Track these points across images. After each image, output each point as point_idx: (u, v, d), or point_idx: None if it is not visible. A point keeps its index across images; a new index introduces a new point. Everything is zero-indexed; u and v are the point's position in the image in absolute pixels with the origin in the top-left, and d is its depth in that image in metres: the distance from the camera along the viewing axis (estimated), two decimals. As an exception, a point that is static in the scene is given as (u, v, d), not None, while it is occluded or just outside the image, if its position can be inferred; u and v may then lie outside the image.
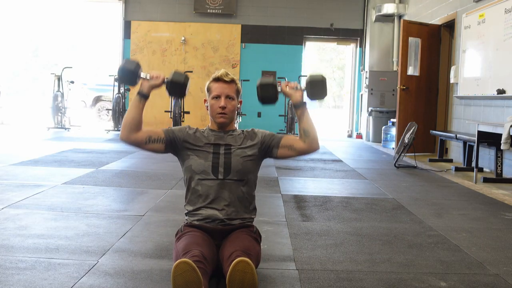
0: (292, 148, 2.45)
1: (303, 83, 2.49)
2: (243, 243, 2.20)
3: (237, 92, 2.45)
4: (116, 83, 10.21)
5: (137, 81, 2.43)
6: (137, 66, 2.40)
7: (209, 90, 2.45)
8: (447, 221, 3.63)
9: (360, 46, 11.22)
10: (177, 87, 2.43)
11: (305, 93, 2.47)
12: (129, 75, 2.40)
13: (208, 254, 2.14)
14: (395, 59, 10.42)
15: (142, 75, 2.42)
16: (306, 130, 2.43)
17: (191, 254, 2.06)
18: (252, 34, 11.07)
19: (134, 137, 2.39)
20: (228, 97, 2.40)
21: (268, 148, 2.46)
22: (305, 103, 2.45)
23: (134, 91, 11.08)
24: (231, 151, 2.41)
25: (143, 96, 2.41)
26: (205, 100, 2.49)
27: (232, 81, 2.42)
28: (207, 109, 2.47)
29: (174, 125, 10.25)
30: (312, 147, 2.44)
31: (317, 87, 2.44)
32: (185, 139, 2.44)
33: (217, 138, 2.44)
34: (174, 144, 2.44)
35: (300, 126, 2.45)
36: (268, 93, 2.44)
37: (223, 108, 2.39)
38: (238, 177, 2.39)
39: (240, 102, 2.52)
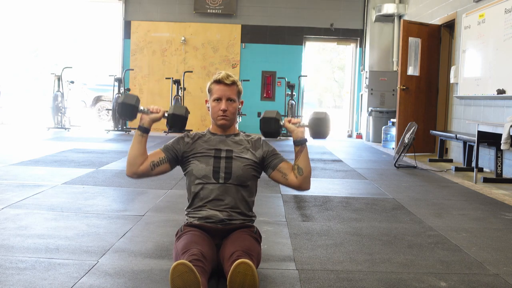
0: (285, 177, 2.44)
1: (306, 120, 2.47)
2: (244, 243, 2.20)
3: (238, 93, 2.46)
4: (116, 83, 10.21)
5: (136, 116, 2.44)
6: (137, 101, 2.42)
7: (210, 91, 2.46)
8: (447, 221, 3.63)
9: (360, 46, 11.22)
10: (178, 120, 2.44)
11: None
12: (129, 108, 2.40)
13: (208, 253, 2.14)
14: (395, 59, 10.42)
15: (142, 108, 2.42)
16: (301, 168, 2.41)
17: (190, 253, 2.07)
18: (252, 34, 11.07)
19: (140, 170, 2.41)
20: (229, 99, 2.41)
21: (265, 166, 2.48)
22: (305, 140, 2.43)
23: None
24: (232, 155, 2.41)
25: (144, 131, 2.41)
26: (206, 101, 2.51)
27: (233, 83, 2.42)
28: (208, 110, 2.48)
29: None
30: (302, 186, 2.43)
31: (320, 126, 2.41)
32: (185, 150, 2.45)
33: (219, 142, 2.44)
34: (177, 158, 2.45)
35: (296, 162, 2.43)
36: (270, 128, 2.45)
37: (224, 111, 2.40)
38: (239, 182, 2.40)
39: (242, 102, 2.52)
